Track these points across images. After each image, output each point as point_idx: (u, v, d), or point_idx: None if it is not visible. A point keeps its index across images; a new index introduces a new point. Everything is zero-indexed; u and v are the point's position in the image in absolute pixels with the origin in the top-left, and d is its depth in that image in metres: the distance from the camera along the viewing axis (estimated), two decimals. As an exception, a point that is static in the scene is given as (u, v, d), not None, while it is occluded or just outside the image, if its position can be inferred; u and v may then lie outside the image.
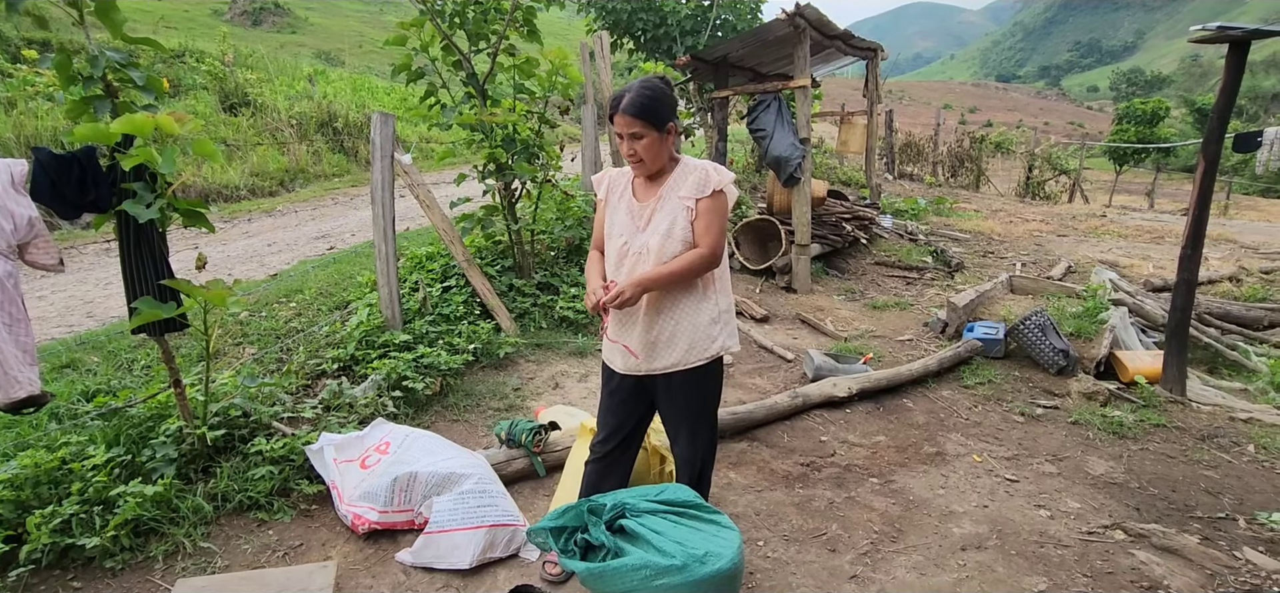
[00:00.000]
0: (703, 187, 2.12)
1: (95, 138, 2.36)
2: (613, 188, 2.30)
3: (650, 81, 2.10)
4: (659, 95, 2.08)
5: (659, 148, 2.12)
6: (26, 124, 8.87)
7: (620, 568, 1.82)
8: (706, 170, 2.14)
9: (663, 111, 2.09)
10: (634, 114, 2.06)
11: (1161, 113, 23.42)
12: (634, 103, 2.05)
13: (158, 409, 3.11)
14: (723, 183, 2.13)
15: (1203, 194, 4.00)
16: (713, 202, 2.13)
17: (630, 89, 2.09)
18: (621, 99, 2.08)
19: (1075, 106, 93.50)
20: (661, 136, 2.10)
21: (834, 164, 13.82)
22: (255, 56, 16.28)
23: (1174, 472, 3.40)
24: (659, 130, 2.09)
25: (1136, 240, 9.47)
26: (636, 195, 2.23)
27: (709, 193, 2.12)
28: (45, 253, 2.54)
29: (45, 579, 2.46)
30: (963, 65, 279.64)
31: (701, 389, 2.28)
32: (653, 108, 2.06)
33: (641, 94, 2.06)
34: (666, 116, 2.10)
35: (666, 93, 2.12)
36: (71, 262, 6.81)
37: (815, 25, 6.39)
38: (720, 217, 2.14)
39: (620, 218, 2.23)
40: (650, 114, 2.06)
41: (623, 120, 2.07)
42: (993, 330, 4.86)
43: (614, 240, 2.24)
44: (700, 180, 2.13)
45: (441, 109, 4.77)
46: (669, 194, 2.16)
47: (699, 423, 2.32)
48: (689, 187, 2.14)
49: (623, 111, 2.07)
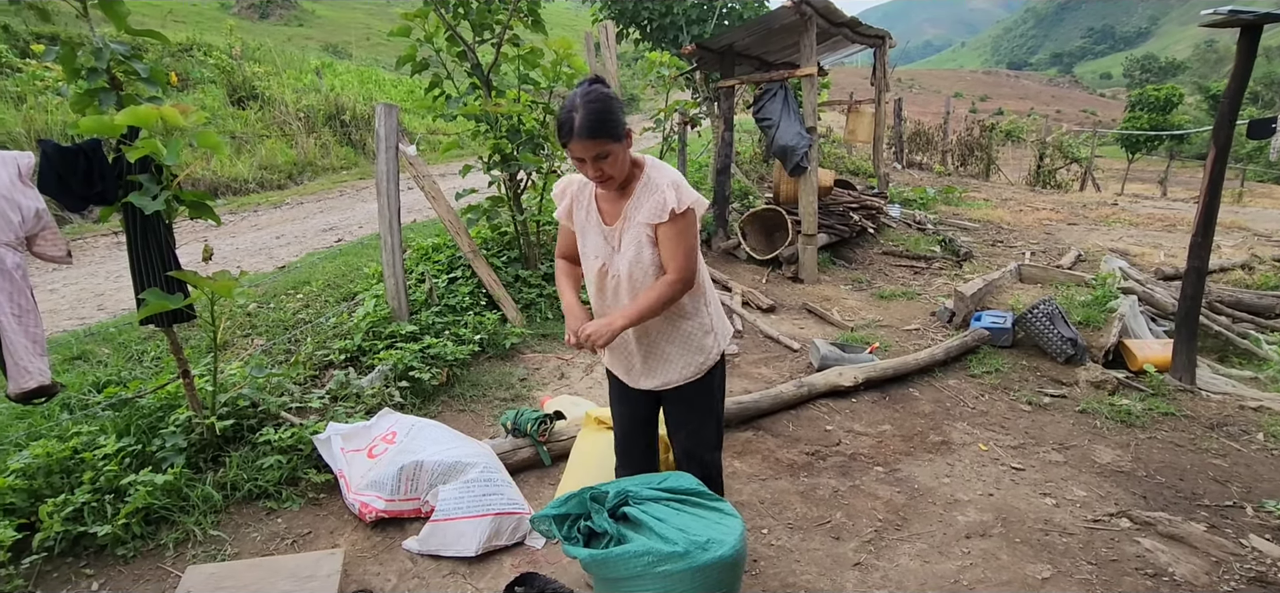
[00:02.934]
0: (659, 212, 1.96)
1: (100, 130, 2.38)
2: (577, 203, 2.15)
3: (592, 93, 1.88)
4: (609, 103, 1.89)
5: (624, 158, 1.96)
6: (36, 118, 8.94)
7: (623, 554, 1.83)
8: (663, 194, 1.96)
9: (618, 119, 1.90)
10: (594, 135, 1.86)
11: (1175, 99, 23.15)
12: (589, 122, 1.85)
13: (167, 400, 3.15)
14: (681, 205, 1.95)
15: (1214, 181, 3.96)
16: (671, 227, 1.96)
17: (573, 107, 1.87)
18: (572, 123, 1.86)
19: (1088, 94, 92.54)
20: (624, 145, 1.93)
21: (841, 153, 13.76)
22: (262, 50, 16.34)
23: (1182, 460, 3.38)
24: (620, 141, 1.91)
25: (1148, 229, 9.39)
26: (604, 217, 2.09)
27: (666, 218, 1.95)
28: (53, 245, 2.56)
29: (58, 567, 2.50)
30: (973, 53, 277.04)
31: (702, 398, 2.23)
32: (609, 120, 1.87)
33: (591, 109, 1.86)
34: (623, 122, 1.92)
35: (613, 97, 1.92)
36: (82, 255, 6.87)
37: (822, 13, 6.34)
38: (684, 238, 1.98)
39: (593, 238, 2.11)
40: (609, 128, 1.87)
41: (583, 145, 1.87)
42: (1000, 320, 4.84)
43: (591, 261, 2.12)
44: (656, 206, 1.97)
45: (446, 100, 4.78)
46: (632, 215, 2.02)
47: (702, 426, 2.27)
48: (646, 212, 1.99)
49: (579, 136, 1.86)
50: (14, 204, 2.40)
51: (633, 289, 2.06)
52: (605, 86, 1.93)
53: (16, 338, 2.42)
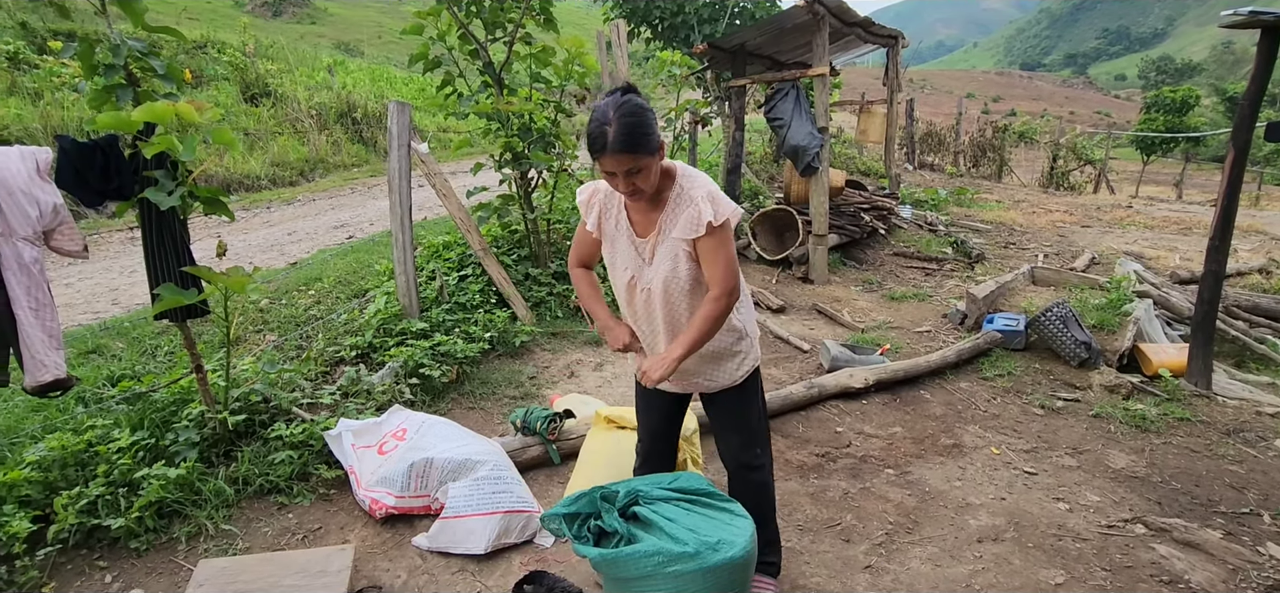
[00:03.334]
0: (695, 227, 1.89)
1: (117, 126, 2.39)
2: (605, 213, 2.08)
3: (626, 105, 1.80)
4: (643, 116, 1.80)
5: (656, 171, 1.88)
6: (53, 114, 9.03)
7: (633, 554, 1.83)
8: (697, 207, 1.89)
9: (653, 132, 1.82)
10: (627, 150, 1.78)
11: (1191, 101, 22.85)
12: (623, 137, 1.77)
13: (180, 394, 3.17)
14: (718, 217, 1.88)
15: (1232, 184, 3.91)
16: (710, 240, 1.90)
17: (605, 119, 1.79)
18: (605, 136, 1.78)
19: (1102, 95, 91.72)
20: (657, 158, 1.86)
21: (853, 154, 13.69)
22: (275, 47, 16.44)
23: (1197, 466, 3.34)
24: (654, 154, 1.83)
25: (1163, 232, 9.29)
26: (635, 228, 2.04)
27: (703, 233, 1.89)
28: (70, 240, 2.59)
29: (72, 558, 2.52)
30: (986, 53, 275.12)
31: (740, 402, 2.21)
32: (643, 134, 1.79)
33: (625, 123, 1.78)
34: (656, 134, 1.84)
35: (647, 108, 1.84)
36: (97, 250, 6.94)
37: (834, 12, 6.31)
38: (723, 250, 1.92)
39: (623, 249, 2.06)
40: (643, 142, 1.80)
41: (615, 160, 1.79)
42: (1013, 322, 4.80)
43: (620, 272, 2.08)
44: (691, 220, 1.90)
45: (458, 98, 4.79)
46: (666, 230, 1.96)
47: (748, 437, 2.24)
48: (681, 227, 1.92)
49: (612, 151, 1.78)
50: (32, 199, 2.42)
51: (667, 303, 2.02)
52: (639, 96, 1.85)
53: (33, 332, 2.44)
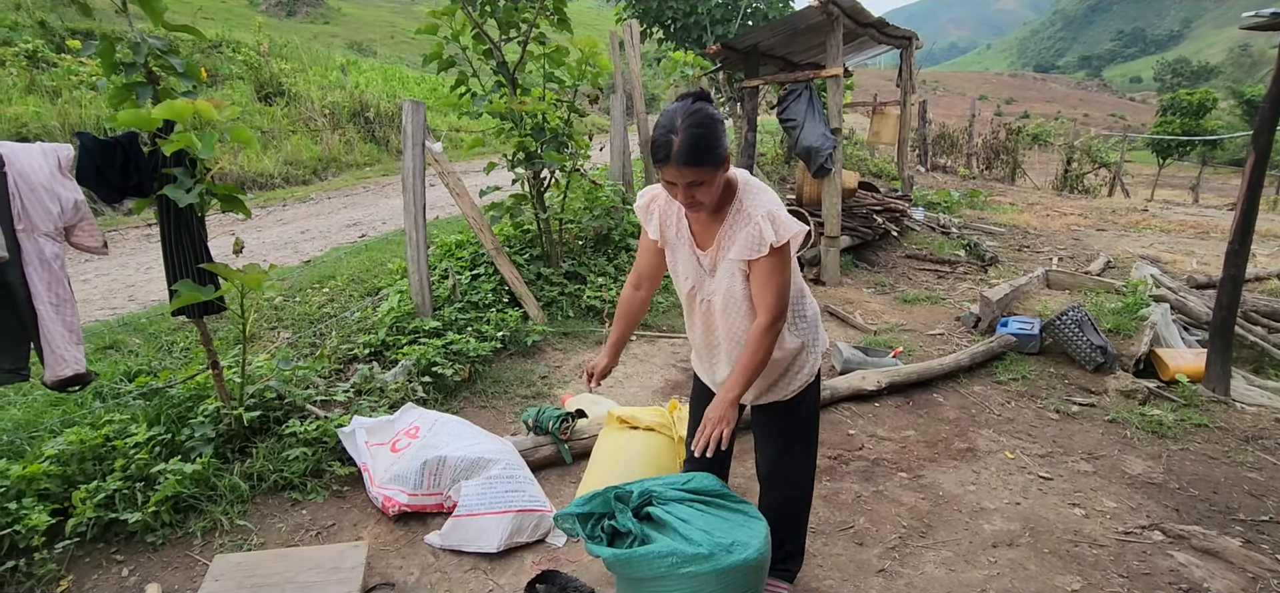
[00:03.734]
0: (755, 246, 1.81)
1: (137, 123, 2.42)
2: (665, 220, 2.00)
3: (695, 114, 1.71)
4: (712, 126, 1.71)
5: (719, 184, 1.79)
6: (70, 112, 9.14)
7: (647, 555, 1.82)
8: (759, 227, 1.80)
9: (720, 144, 1.72)
10: (691, 161, 1.69)
11: (1208, 104, 22.59)
12: (687, 148, 1.68)
13: (196, 390, 3.20)
14: (779, 239, 1.79)
15: (1252, 188, 3.86)
16: (767, 262, 1.82)
17: (671, 128, 1.70)
18: (670, 145, 1.69)
19: (1117, 98, 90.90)
20: (721, 172, 1.77)
21: (865, 156, 13.64)
22: (289, 47, 16.57)
23: (1216, 473, 3.30)
24: (719, 168, 1.74)
25: (1179, 235, 9.19)
26: (697, 239, 1.97)
27: (764, 253, 1.81)
28: (90, 236, 2.61)
29: (90, 552, 2.55)
30: (999, 55, 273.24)
31: (789, 419, 2.13)
32: (709, 145, 1.70)
33: (692, 133, 1.68)
34: (724, 147, 1.74)
35: (716, 118, 1.74)
36: (113, 247, 7.01)
37: (849, 13, 6.29)
38: (778, 274, 1.83)
39: (685, 259, 2.00)
40: (707, 155, 1.70)
41: (678, 171, 1.71)
42: (1027, 326, 4.76)
43: (681, 280, 2.03)
44: (751, 241, 1.81)
45: (472, 98, 4.80)
46: (725, 245, 1.88)
47: (785, 452, 2.17)
48: (738, 247, 1.84)
49: (677, 162, 1.69)
50: (53, 195, 2.45)
51: (726, 320, 1.98)
52: (709, 104, 1.76)
53: (54, 326, 2.47)
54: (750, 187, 1.89)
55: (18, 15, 12.07)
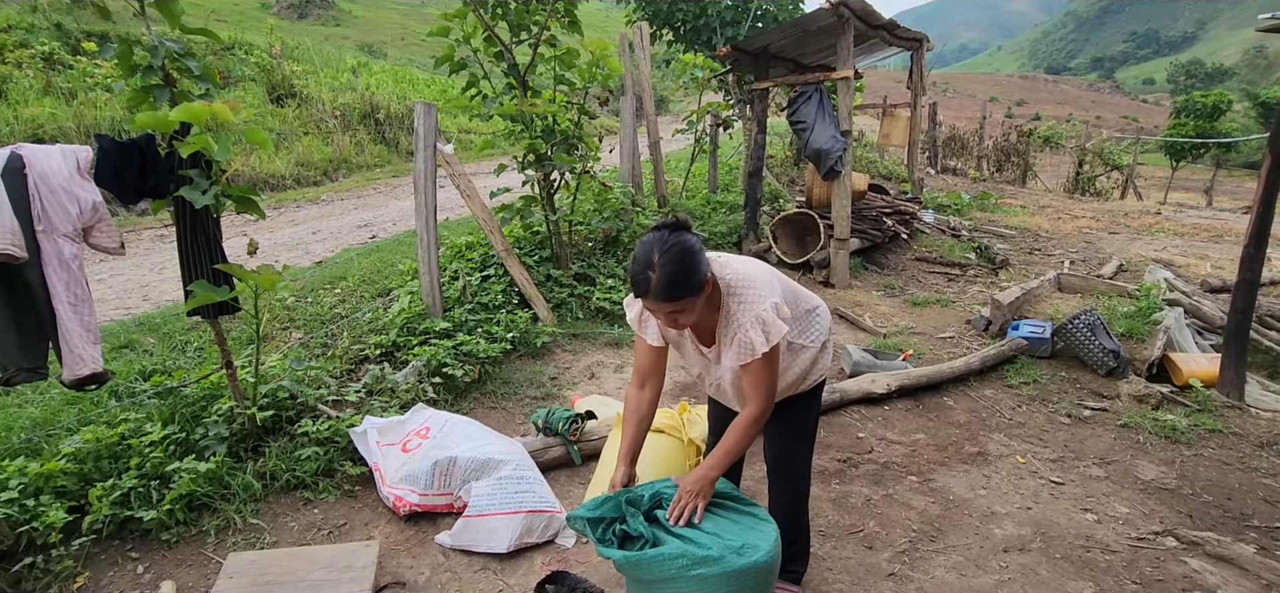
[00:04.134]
0: (747, 353, 1.88)
1: (155, 125, 2.45)
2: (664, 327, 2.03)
3: (671, 246, 1.76)
4: (688, 260, 1.76)
5: (700, 306, 1.85)
6: (86, 114, 9.24)
7: (657, 557, 1.83)
8: (748, 336, 1.87)
9: (696, 276, 1.78)
10: (668, 297, 1.76)
11: (1223, 106, 22.39)
12: (664, 286, 1.74)
13: (210, 390, 3.23)
14: (769, 345, 1.86)
15: (1268, 191, 3.82)
16: (757, 364, 1.89)
17: (649, 263, 1.75)
18: (648, 283, 1.75)
19: (1129, 100, 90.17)
20: (702, 296, 1.83)
21: (875, 158, 13.59)
22: (301, 49, 16.67)
23: (1230, 479, 3.27)
24: (698, 295, 1.81)
25: (1193, 239, 9.11)
26: (700, 340, 2.07)
27: (755, 358, 1.88)
28: (107, 237, 2.64)
29: (105, 549, 2.58)
30: (1010, 57, 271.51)
31: (795, 409, 2.20)
32: (686, 280, 1.76)
33: (669, 272, 1.74)
34: (702, 275, 1.80)
35: (692, 249, 1.78)
36: (130, 247, 7.08)
37: (859, 14, 6.27)
38: (767, 372, 1.91)
39: (690, 352, 2.12)
40: (685, 288, 1.77)
41: (657, 306, 1.80)
42: (1039, 329, 4.73)
43: (691, 367, 2.17)
44: (743, 348, 1.89)
45: (483, 100, 4.83)
46: (724, 345, 1.98)
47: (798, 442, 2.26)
48: (733, 353, 1.93)
49: (656, 297, 1.76)
50: (72, 196, 2.48)
51: (738, 390, 2.05)
52: (685, 233, 1.81)
53: (72, 326, 2.50)
54: (736, 289, 1.92)
55: (34, 17, 12.21)
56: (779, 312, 1.89)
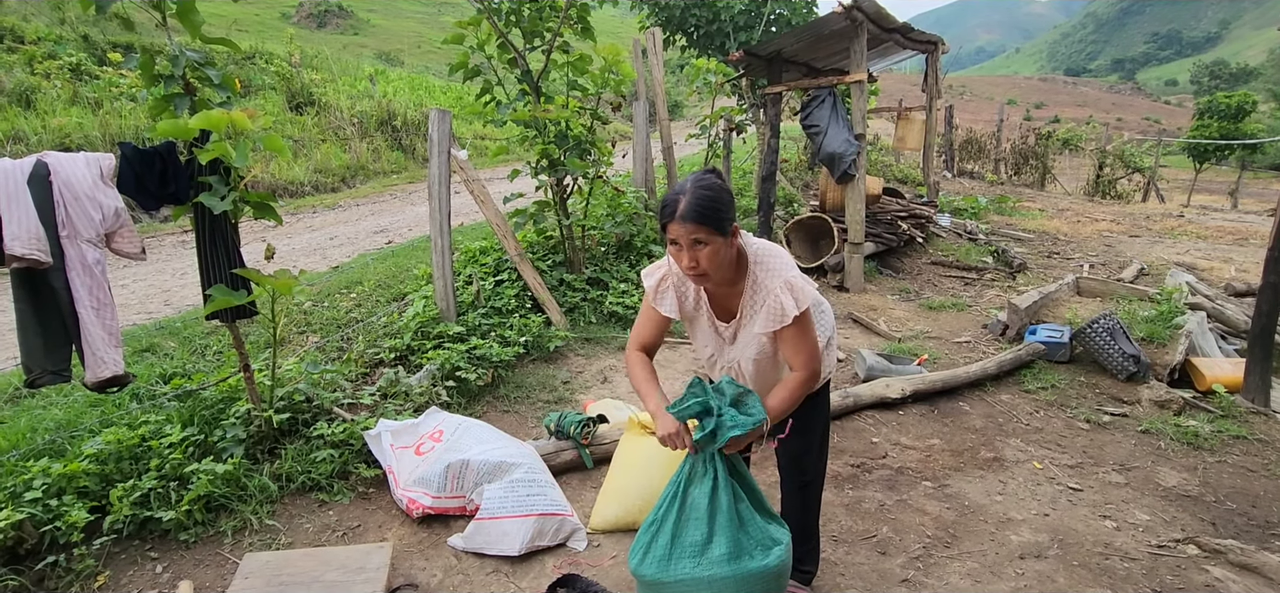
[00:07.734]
0: (777, 318, 1.88)
1: (175, 133, 2.49)
2: (682, 297, 2.05)
3: (705, 180, 1.83)
4: (718, 194, 1.81)
5: (722, 255, 1.84)
6: (111, 123, 9.42)
7: (685, 578, 1.84)
8: (778, 300, 1.87)
9: (724, 212, 1.81)
10: (695, 219, 1.77)
11: (1247, 107, 21.97)
12: (693, 207, 1.77)
13: (228, 392, 3.28)
14: (800, 307, 1.87)
15: (1292, 192, 3.75)
16: (792, 329, 1.89)
17: (682, 190, 1.81)
18: (677, 204, 1.79)
19: (1151, 101, 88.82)
20: (726, 242, 1.83)
21: (889, 161, 13.51)
22: (320, 57, 16.89)
23: (1254, 486, 3.21)
24: (723, 235, 1.81)
25: (1217, 242, 8.96)
26: (717, 314, 2.05)
27: (789, 323, 1.88)
28: (129, 242, 2.70)
29: (125, 548, 2.62)
30: (1029, 59, 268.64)
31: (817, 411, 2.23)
32: (713, 210, 1.78)
33: (699, 195, 1.78)
34: (729, 218, 1.82)
35: (725, 189, 1.84)
36: (151, 253, 7.21)
37: (873, 18, 6.24)
38: (806, 336, 1.92)
39: (703, 329, 2.10)
40: (712, 217, 1.78)
41: (681, 228, 1.78)
42: (1057, 333, 4.68)
43: (701, 347, 2.15)
44: (773, 313, 1.89)
45: (496, 106, 4.86)
46: (747, 320, 1.97)
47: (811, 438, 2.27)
48: (762, 320, 1.91)
49: (680, 218, 1.78)
50: (96, 203, 2.53)
51: (758, 375, 2.06)
52: (720, 178, 1.87)
53: (95, 330, 2.55)
54: (762, 258, 1.94)
55: (62, 29, 12.49)
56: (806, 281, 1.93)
